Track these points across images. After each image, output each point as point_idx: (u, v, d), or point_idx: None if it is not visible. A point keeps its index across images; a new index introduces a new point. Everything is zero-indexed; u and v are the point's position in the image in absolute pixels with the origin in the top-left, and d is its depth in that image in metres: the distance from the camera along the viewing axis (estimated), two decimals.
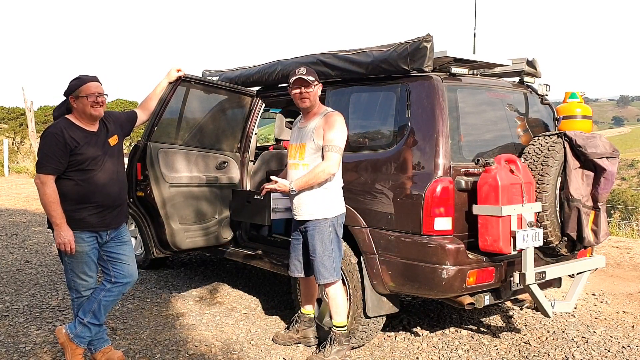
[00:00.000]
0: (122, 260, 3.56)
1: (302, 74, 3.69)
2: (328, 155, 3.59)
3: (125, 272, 3.56)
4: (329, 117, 3.67)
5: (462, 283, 3.51)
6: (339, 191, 3.77)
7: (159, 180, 4.47)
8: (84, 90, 3.31)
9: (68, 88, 3.37)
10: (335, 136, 3.60)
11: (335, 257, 3.72)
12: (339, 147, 3.60)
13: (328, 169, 3.59)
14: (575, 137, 3.80)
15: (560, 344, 4.13)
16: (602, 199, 3.91)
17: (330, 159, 3.59)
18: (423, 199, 3.55)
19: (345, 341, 3.80)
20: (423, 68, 3.71)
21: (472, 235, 3.66)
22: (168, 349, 4.02)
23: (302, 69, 3.73)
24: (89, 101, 3.32)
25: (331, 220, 3.69)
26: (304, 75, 3.67)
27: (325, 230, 3.68)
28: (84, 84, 3.33)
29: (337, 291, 3.76)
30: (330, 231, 3.69)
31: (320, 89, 3.80)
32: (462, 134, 3.78)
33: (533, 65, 4.33)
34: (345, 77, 4.25)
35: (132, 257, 3.64)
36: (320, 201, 3.68)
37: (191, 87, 4.64)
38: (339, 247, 3.76)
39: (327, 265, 3.69)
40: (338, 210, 3.74)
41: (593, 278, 5.92)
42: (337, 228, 3.73)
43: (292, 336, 4.14)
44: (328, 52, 4.35)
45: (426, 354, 4.02)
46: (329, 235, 3.69)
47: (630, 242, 8.00)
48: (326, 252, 3.69)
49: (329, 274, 3.70)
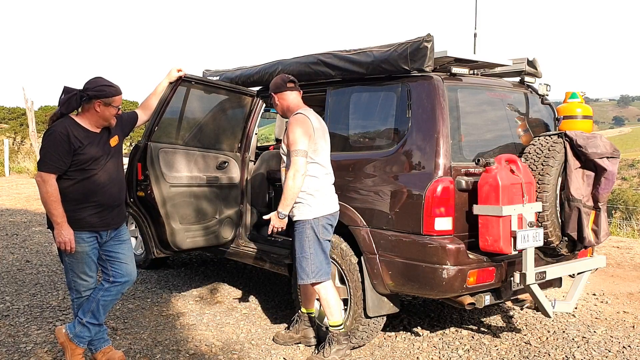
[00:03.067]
0: (121, 260, 3.55)
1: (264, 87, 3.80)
2: (292, 161, 3.60)
3: (124, 272, 3.55)
4: (289, 122, 3.71)
5: (462, 283, 3.51)
6: (323, 192, 3.72)
7: (159, 180, 4.47)
8: (116, 101, 3.37)
9: (100, 92, 3.31)
10: (293, 140, 3.60)
11: (313, 259, 3.69)
12: (299, 149, 3.58)
13: (294, 175, 3.57)
14: (576, 137, 3.80)
15: (561, 344, 4.13)
16: (602, 199, 3.91)
17: (293, 164, 3.59)
18: (423, 199, 3.55)
19: (344, 340, 3.80)
20: (423, 68, 3.71)
21: (472, 235, 3.66)
22: (168, 348, 4.02)
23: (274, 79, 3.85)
24: (114, 112, 3.39)
25: (310, 222, 3.68)
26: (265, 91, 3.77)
27: (303, 232, 3.68)
28: (119, 94, 3.38)
29: (327, 291, 3.76)
30: (308, 233, 3.68)
31: (288, 95, 3.78)
32: (462, 134, 3.78)
33: (533, 65, 4.33)
34: (345, 77, 4.25)
35: (131, 257, 3.64)
36: (299, 203, 3.69)
37: (192, 87, 4.64)
38: (322, 248, 3.73)
39: (304, 267, 3.71)
40: (318, 212, 3.69)
41: (593, 278, 5.92)
42: (317, 230, 3.69)
43: (293, 336, 4.14)
44: (328, 52, 4.34)
45: (426, 353, 4.02)
46: (307, 237, 3.69)
47: (631, 242, 7.99)
48: (303, 254, 3.70)
49: (305, 275, 3.71)
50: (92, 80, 3.40)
